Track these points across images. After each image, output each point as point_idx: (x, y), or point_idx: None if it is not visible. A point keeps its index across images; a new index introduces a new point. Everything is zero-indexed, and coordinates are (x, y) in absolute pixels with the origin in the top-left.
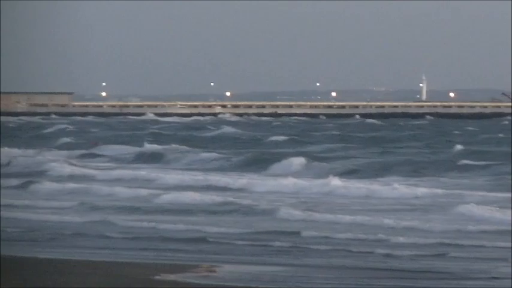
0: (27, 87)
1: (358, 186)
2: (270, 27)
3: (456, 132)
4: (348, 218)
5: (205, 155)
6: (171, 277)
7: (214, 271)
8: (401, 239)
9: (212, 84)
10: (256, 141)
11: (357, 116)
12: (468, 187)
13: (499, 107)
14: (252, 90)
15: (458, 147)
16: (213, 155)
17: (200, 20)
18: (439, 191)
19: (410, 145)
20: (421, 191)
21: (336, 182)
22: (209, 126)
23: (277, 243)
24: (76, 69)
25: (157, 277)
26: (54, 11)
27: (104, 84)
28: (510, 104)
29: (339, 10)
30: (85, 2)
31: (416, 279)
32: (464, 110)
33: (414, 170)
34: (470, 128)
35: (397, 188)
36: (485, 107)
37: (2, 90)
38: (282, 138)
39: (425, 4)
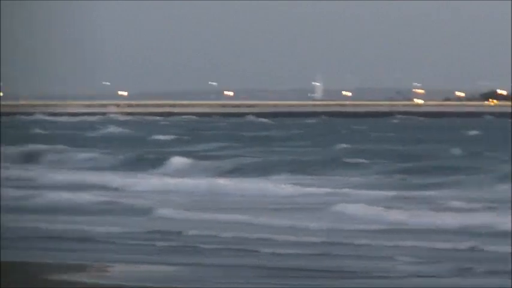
0: None
1: (244, 185)
2: (173, 24)
3: (344, 131)
4: (233, 216)
5: (88, 154)
6: (65, 277)
7: (107, 271)
8: (286, 238)
9: (108, 83)
10: (142, 140)
11: (250, 116)
12: (351, 185)
13: (393, 105)
14: (150, 90)
15: (343, 145)
16: (95, 154)
17: (105, 18)
18: (323, 189)
19: (298, 144)
20: (305, 189)
21: (221, 180)
22: (97, 126)
23: (164, 243)
24: None
25: (51, 277)
26: None
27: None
28: (403, 102)
29: (238, 10)
30: None
31: (305, 277)
32: (359, 109)
33: (299, 168)
34: (361, 127)
35: (283, 186)
36: (380, 105)
37: None
38: (168, 137)
39: (318, 3)
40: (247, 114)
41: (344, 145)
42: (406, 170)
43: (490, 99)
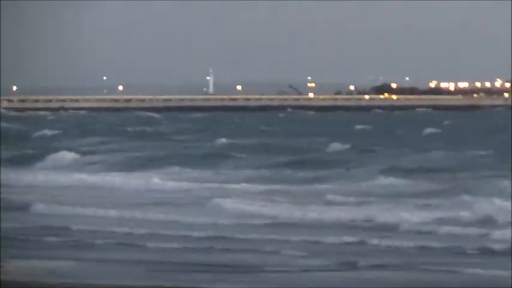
0: None
1: (128, 180)
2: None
3: (231, 125)
4: (119, 212)
5: None
6: None
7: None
8: (172, 232)
9: None
10: (28, 136)
11: (139, 110)
12: (234, 180)
13: (285, 99)
14: (43, 85)
15: (226, 140)
16: None
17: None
18: (206, 184)
19: (182, 138)
20: (189, 184)
21: (106, 175)
22: None
23: (54, 238)
24: None
25: None
26: None
27: None
28: (295, 96)
29: (131, 7)
30: None
31: (193, 272)
32: (251, 103)
33: (183, 163)
34: (249, 121)
35: (164, 181)
36: (272, 99)
37: None
38: (54, 132)
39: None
40: (137, 108)
41: (227, 139)
42: (288, 164)
43: (385, 93)
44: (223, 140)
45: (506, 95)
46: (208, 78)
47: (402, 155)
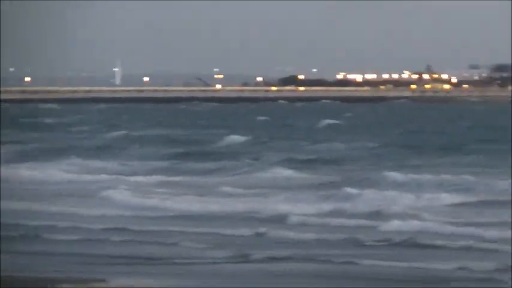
0: None
1: (23, 172)
2: None
3: (127, 116)
4: (11, 204)
5: None
6: None
7: None
8: (68, 224)
9: None
10: None
11: (40, 103)
12: (128, 172)
13: (192, 91)
14: None
15: (123, 132)
16: None
17: None
18: (99, 175)
19: (80, 129)
20: (83, 175)
21: (3, 168)
22: None
23: None
24: None
25: None
26: None
27: None
28: (204, 88)
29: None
30: None
31: (88, 264)
32: (158, 94)
33: (79, 154)
34: (154, 113)
35: (61, 173)
36: (179, 91)
37: None
38: None
39: None
40: (42, 100)
41: (127, 131)
42: (187, 156)
43: (292, 85)
44: (123, 132)
45: (413, 86)
46: (115, 69)
47: (298, 146)
